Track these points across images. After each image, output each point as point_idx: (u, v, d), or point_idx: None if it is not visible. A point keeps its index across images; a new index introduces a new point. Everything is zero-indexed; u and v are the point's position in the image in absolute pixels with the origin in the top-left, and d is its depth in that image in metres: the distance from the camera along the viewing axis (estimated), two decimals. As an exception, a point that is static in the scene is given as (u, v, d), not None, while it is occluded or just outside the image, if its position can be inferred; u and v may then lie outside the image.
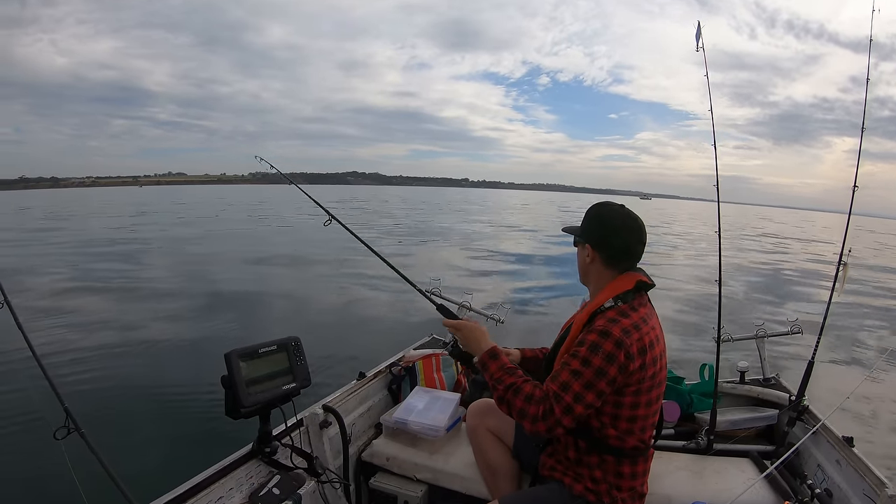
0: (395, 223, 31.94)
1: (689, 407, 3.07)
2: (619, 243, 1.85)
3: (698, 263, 18.14)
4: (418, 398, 2.86)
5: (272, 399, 2.10)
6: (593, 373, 1.64)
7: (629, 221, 1.86)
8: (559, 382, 1.66)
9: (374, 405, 3.04)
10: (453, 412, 2.72)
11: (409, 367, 3.18)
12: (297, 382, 2.17)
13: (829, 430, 2.48)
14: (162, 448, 4.19)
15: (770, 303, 11.51)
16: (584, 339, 1.70)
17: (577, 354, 1.68)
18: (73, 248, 18.45)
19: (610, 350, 1.64)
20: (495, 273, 14.77)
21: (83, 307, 9.33)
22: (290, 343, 2.20)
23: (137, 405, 5.17)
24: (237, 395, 1.96)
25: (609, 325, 1.68)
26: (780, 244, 30.52)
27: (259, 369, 2.06)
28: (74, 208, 49.58)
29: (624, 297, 1.78)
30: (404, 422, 2.66)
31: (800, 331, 3.27)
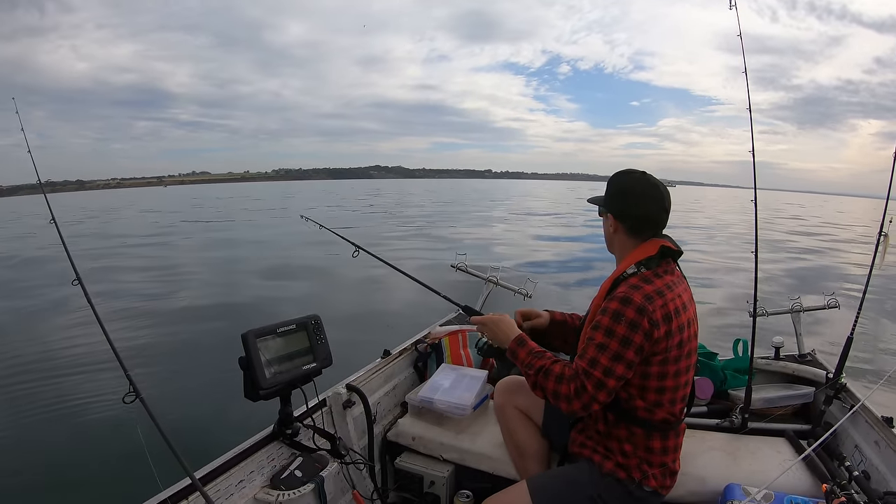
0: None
1: (723, 384, 2.98)
2: (641, 212, 1.80)
3: (728, 245, 17.87)
4: (444, 376, 2.80)
5: (292, 380, 2.05)
6: (619, 343, 1.61)
7: (650, 189, 1.80)
8: (587, 358, 1.63)
9: (400, 384, 2.99)
10: (480, 390, 2.66)
11: (436, 344, 3.12)
12: (317, 362, 2.12)
13: (868, 410, 2.38)
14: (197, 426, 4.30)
15: (805, 277, 11.25)
16: (607, 307, 1.66)
17: (600, 325, 1.65)
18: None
19: (633, 317, 1.60)
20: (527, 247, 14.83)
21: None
22: (309, 322, 2.14)
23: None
24: (255, 377, 1.90)
25: (630, 292, 1.64)
26: (811, 227, 29.94)
27: (278, 349, 2.01)
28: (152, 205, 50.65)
29: (647, 264, 1.74)
30: (430, 400, 2.61)
31: (837, 305, 3.17)
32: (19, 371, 5.84)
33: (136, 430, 1.81)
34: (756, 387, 2.85)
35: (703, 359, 2.99)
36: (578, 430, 1.92)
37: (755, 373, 2.98)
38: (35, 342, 6.91)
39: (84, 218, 32.78)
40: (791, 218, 37.86)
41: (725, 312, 6.89)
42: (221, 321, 7.84)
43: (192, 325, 7.76)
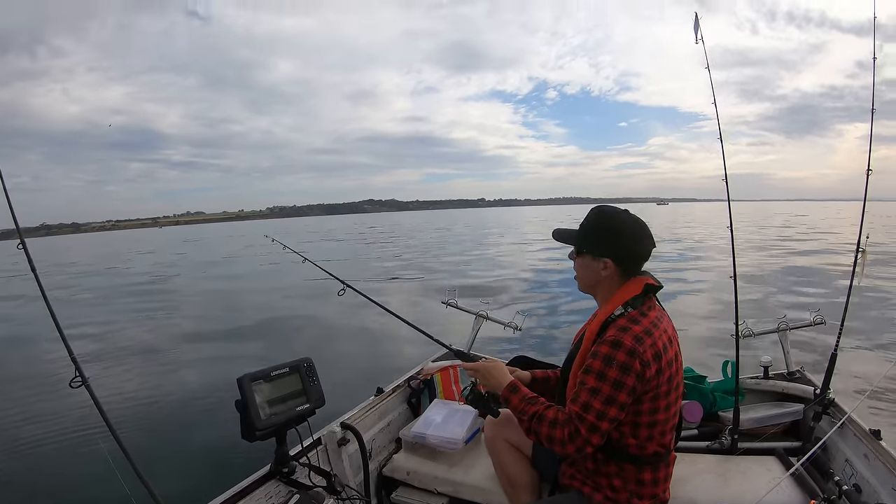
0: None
1: (713, 406, 3.01)
2: (640, 252, 1.82)
3: (719, 261, 17.89)
4: (436, 411, 2.86)
5: (287, 421, 2.11)
6: (611, 386, 1.62)
7: (642, 227, 1.83)
8: (580, 403, 1.64)
9: (394, 420, 3.04)
10: (472, 424, 2.72)
11: (428, 381, 3.20)
12: (310, 403, 2.18)
13: (856, 424, 2.42)
14: (183, 472, 4.26)
15: (793, 294, 11.26)
16: (597, 351, 1.67)
17: (591, 369, 1.66)
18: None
19: (623, 360, 1.62)
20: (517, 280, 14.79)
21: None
22: (302, 364, 2.21)
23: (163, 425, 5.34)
24: (251, 419, 1.97)
25: (620, 335, 1.65)
26: (799, 235, 29.99)
27: (272, 392, 2.07)
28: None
29: (633, 303, 1.76)
30: (422, 436, 2.67)
31: (822, 321, 3.19)
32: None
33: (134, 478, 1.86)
34: (745, 407, 2.89)
35: (691, 382, 3.03)
36: (569, 463, 1.94)
37: (745, 393, 3.03)
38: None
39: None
40: (781, 226, 37.95)
41: (715, 334, 6.91)
42: (215, 363, 7.86)
43: (186, 369, 7.74)
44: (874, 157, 2.83)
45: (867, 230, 2.77)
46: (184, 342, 9.47)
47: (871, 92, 2.82)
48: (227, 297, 15.44)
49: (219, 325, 10.97)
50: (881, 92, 2.80)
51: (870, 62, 2.84)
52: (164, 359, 8.34)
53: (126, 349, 9.18)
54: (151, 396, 6.47)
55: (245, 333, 9.87)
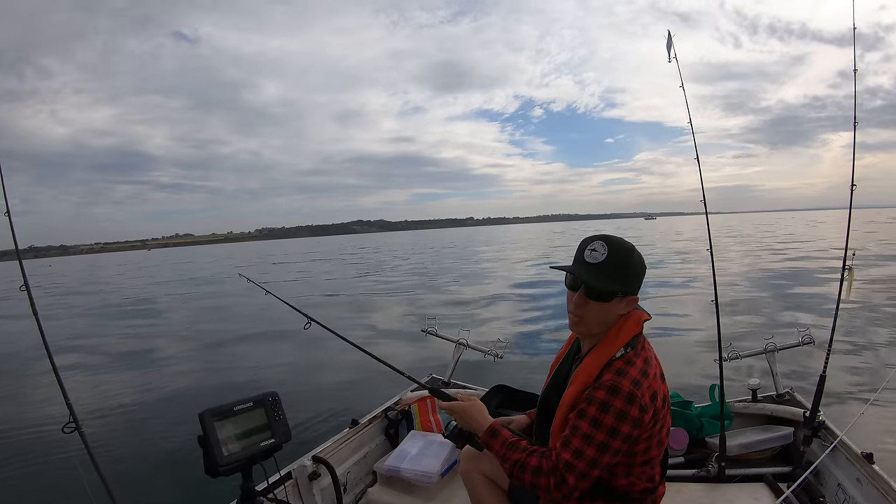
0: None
1: (699, 432, 2.94)
2: (641, 279, 1.72)
3: (705, 279, 17.90)
4: (412, 443, 2.79)
5: (251, 456, 2.02)
6: (606, 434, 1.53)
7: (640, 255, 1.73)
8: (571, 449, 1.55)
9: (371, 452, 2.95)
10: (448, 456, 2.65)
11: (406, 411, 3.10)
12: (276, 438, 2.09)
13: (848, 447, 2.35)
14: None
15: (782, 313, 11.20)
16: (592, 396, 1.57)
17: (586, 414, 1.56)
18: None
19: (621, 407, 1.52)
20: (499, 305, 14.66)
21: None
22: (266, 399, 2.13)
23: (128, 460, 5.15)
24: (213, 455, 1.89)
25: (618, 380, 1.56)
26: (787, 249, 30.11)
27: (235, 427, 1.99)
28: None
29: (632, 343, 1.67)
30: (396, 469, 2.60)
31: (811, 341, 3.12)
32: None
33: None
34: (733, 432, 2.83)
35: (677, 408, 2.97)
36: (548, 499, 1.85)
37: (732, 417, 2.96)
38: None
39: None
40: (765, 237, 38.09)
41: (701, 357, 6.80)
42: (181, 397, 7.62)
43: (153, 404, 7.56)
44: (860, 164, 2.81)
45: (853, 243, 2.73)
46: (149, 373, 9.29)
47: (853, 104, 2.79)
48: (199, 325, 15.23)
49: (187, 356, 10.76)
50: (864, 100, 2.79)
51: (850, 71, 2.81)
52: (132, 387, 8.18)
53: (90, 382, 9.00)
54: (116, 430, 6.29)
55: (217, 366, 9.69)
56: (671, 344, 8.06)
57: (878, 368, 6.71)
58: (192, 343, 12.04)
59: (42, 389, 7.87)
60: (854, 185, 2.82)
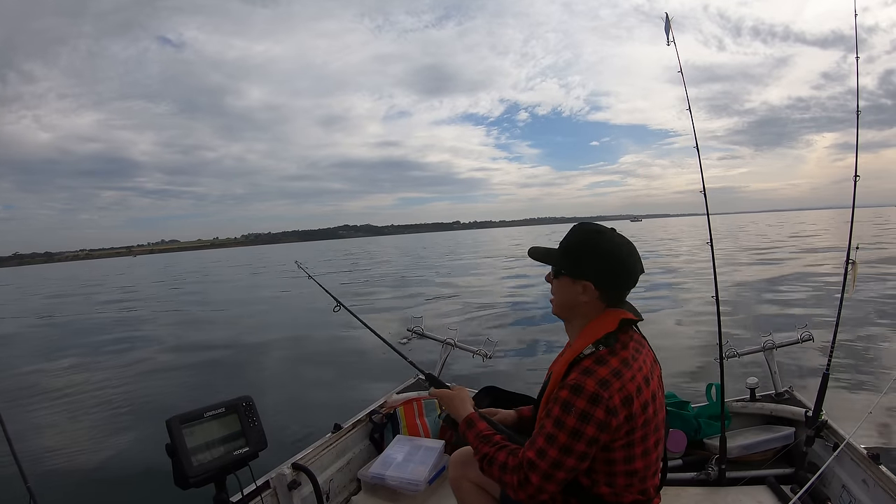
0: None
1: (697, 433, 2.86)
2: (626, 277, 1.61)
3: (697, 278, 17.92)
4: (398, 448, 2.67)
5: (224, 466, 1.89)
6: (567, 435, 1.45)
7: (630, 248, 1.64)
8: (535, 448, 1.49)
9: (355, 457, 2.83)
10: (436, 462, 2.53)
11: (391, 414, 2.98)
12: (250, 447, 1.96)
13: (853, 447, 2.27)
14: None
15: (779, 311, 11.16)
16: (557, 395, 1.50)
17: (551, 414, 1.50)
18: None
19: (583, 408, 1.43)
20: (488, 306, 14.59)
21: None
22: (240, 404, 1.99)
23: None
24: (181, 466, 1.75)
25: (582, 379, 1.47)
26: (779, 248, 30.33)
27: (206, 434, 1.85)
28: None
29: (605, 341, 1.56)
30: (381, 477, 2.48)
31: (810, 338, 3.03)
32: None
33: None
34: (733, 432, 2.76)
35: (674, 409, 2.88)
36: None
37: (731, 417, 2.88)
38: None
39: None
40: (755, 237, 38.36)
41: (696, 355, 6.72)
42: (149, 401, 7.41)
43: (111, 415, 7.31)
44: (843, 165, 2.75)
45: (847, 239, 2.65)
46: (115, 376, 9.07)
47: (856, 93, 2.72)
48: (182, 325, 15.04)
49: (166, 357, 10.57)
50: (848, 101, 2.74)
51: (835, 72, 2.75)
52: (90, 398, 7.89)
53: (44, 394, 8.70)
54: (76, 441, 6.06)
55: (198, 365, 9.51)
56: (664, 342, 7.97)
57: (878, 365, 6.63)
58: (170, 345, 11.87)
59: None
60: (857, 175, 2.74)
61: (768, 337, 3.12)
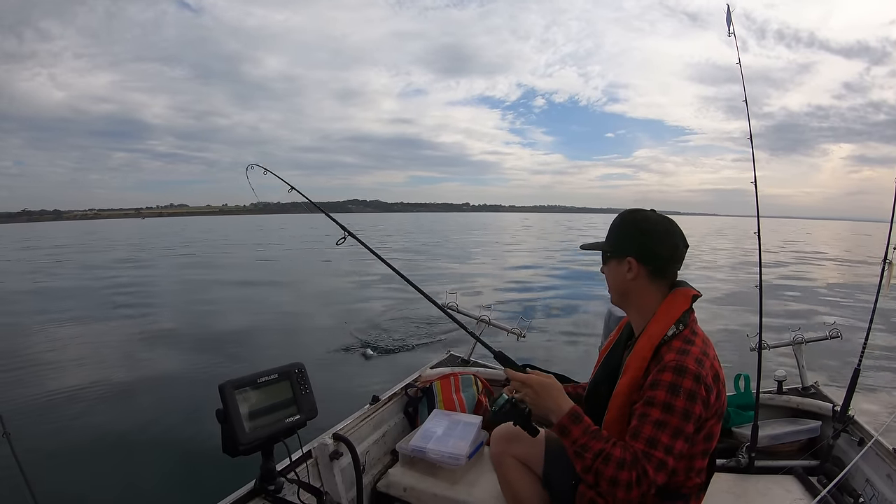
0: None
1: (727, 422, 2.89)
2: (667, 251, 1.64)
3: (723, 270, 17.99)
4: (436, 422, 2.69)
5: (274, 434, 1.90)
6: (679, 417, 1.45)
7: (671, 225, 1.65)
8: (644, 438, 1.46)
9: (390, 430, 2.87)
10: (475, 437, 2.54)
11: (426, 388, 3.01)
12: (301, 414, 1.97)
13: (878, 442, 2.31)
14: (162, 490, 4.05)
15: (806, 308, 11.22)
16: (658, 379, 1.49)
17: (655, 401, 1.47)
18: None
19: (690, 387, 1.45)
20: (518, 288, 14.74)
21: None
22: (293, 371, 2.00)
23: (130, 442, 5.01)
24: (233, 432, 1.76)
25: (682, 359, 1.49)
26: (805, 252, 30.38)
27: (258, 401, 1.86)
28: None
29: (683, 319, 1.58)
30: (422, 450, 2.49)
31: (839, 335, 3.08)
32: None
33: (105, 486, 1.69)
34: (761, 423, 2.77)
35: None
36: (589, 485, 1.73)
37: (759, 408, 2.89)
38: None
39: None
40: (784, 244, 38.31)
41: (724, 346, 6.78)
42: (197, 365, 7.55)
43: (166, 366, 7.46)
44: (858, 177, 2.73)
45: (860, 251, 2.63)
46: (159, 343, 9.13)
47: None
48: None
49: (200, 326, 10.64)
50: (868, 114, 2.69)
51: (857, 83, 2.71)
52: (139, 359, 7.99)
53: (98, 347, 8.86)
54: (125, 401, 6.18)
55: (229, 335, 9.57)
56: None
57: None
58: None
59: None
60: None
61: (798, 331, 3.16)
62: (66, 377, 6.97)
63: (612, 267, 1.71)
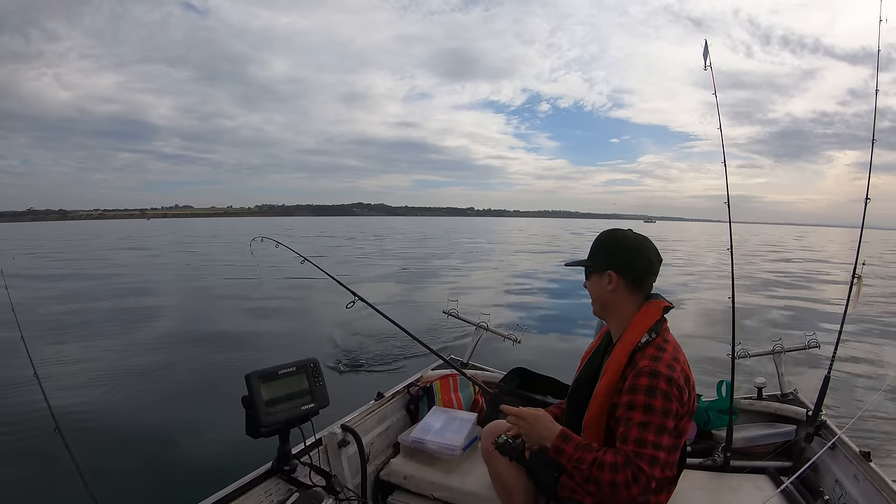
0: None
1: (706, 424, 3.06)
2: (642, 263, 1.83)
3: (712, 280, 18.04)
4: (435, 418, 2.90)
5: (291, 419, 2.14)
6: (660, 415, 1.61)
7: (645, 241, 1.87)
8: (632, 440, 1.60)
9: (393, 425, 3.08)
10: (470, 431, 2.76)
11: (427, 388, 3.23)
12: (315, 403, 2.21)
13: (847, 445, 2.45)
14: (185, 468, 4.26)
15: (788, 317, 11.35)
16: (636, 384, 1.65)
17: (636, 404, 1.63)
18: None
19: (665, 388, 1.62)
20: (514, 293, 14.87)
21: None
22: (308, 364, 2.24)
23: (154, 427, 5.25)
24: (257, 416, 2.00)
25: (655, 365, 1.66)
26: (792, 260, 30.36)
27: (278, 390, 2.10)
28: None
29: (655, 329, 1.77)
30: (421, 441, 2.70)
31: (817, 345, 3.25)
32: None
33: (140, 464, 1.85)
34: (739, 426, 2.93)
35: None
36: (569, 476, 1.90)
37: (738, 413, 3.05)
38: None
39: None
40: (771, 250, 38.26)
41: (709, 354, 6.95)
42: (220, 357, 7.91)
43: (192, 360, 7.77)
44: (863, 185, 2.89)
45: (863, 257, 2.81)
46: (181, 340, 9.44)
47: (873, 117, 2.88)
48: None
49: (220, 323, 10.96)
50: (871, 121, 2.86)
51: (862, 90, 2.90)
52: (162, 357, 8.27)
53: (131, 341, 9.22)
54: (156, 390, 6.49)
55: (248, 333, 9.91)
56: (679, 340, 8.31)
57: (876, 373, 6.90)
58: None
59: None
60: (868, 198, 2.91)
61: (778, 341, 3.33)
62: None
63: (594, 280, 1.90)
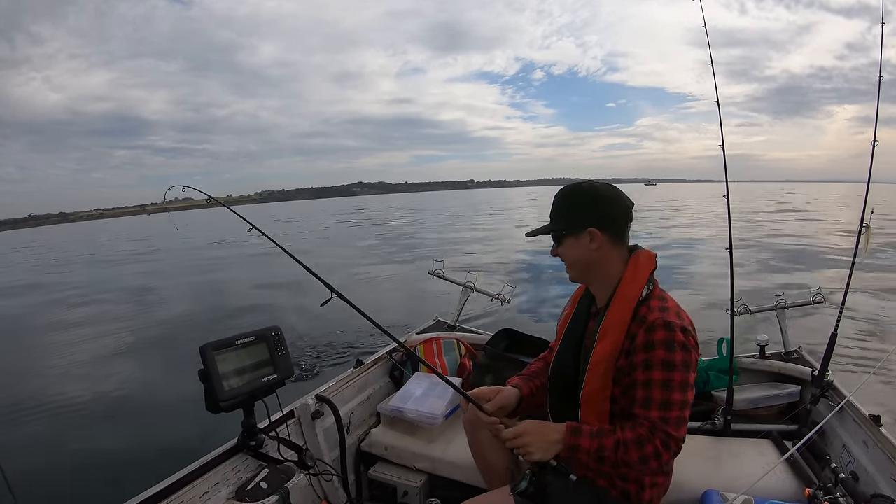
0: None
1: (706, 385, 2.92)
2: (621, 211, 1.65)
3: (715, 237, 17.97)
4: (417, 384, 2.77)
5: (253, 391, 2.02)
6: (681, 370, 1.48)
7: (612, 187, 1.68)
8: (657, 404, 1.48)
9: (375, 393, 2.96)
10: (453, 398, 2.61)
11: (411, 352, 3.07)
12: (278, 374, 2.10)
13: (856, 408, 2.30)
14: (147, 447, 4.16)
15: (792, 273, 11.19)
16: (651, 340, 1.50)
17: (654, 361, 1.49)
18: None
19: (682, 339, 1.48)
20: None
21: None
22: (269, 333, 2.12)
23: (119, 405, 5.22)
24: (214, 390, 1.89)
25: (665, 315, 1.51)
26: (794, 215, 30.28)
27: (236, 361, 1.99)
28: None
29: (651, 280, 1.63)
30: (400, 410, 2.59)
31: (822, 300, 3.07)
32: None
33: (99, 439, 1.75)
34: (740, 387, 2.80)
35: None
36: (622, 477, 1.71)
37: (739, 372, 2.92)
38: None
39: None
40: (774, 210, 38.25)
41: (710, 311, 6.80)
42: (183, 333, 7.92)
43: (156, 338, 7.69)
44: (864, 138, 2.72)
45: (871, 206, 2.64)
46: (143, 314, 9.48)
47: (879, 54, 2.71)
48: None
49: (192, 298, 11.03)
50: (871, 73, 2.71)
51: (860, 43, 2.73)
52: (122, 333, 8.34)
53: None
54: (112, 373, 6.52)
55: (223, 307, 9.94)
56: (678, 297, 8.28)
57: (888, 332, 6.68)
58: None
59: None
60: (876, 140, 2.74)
61: (781, 296, 3.15)
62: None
63: (569, 244, 1.68)
